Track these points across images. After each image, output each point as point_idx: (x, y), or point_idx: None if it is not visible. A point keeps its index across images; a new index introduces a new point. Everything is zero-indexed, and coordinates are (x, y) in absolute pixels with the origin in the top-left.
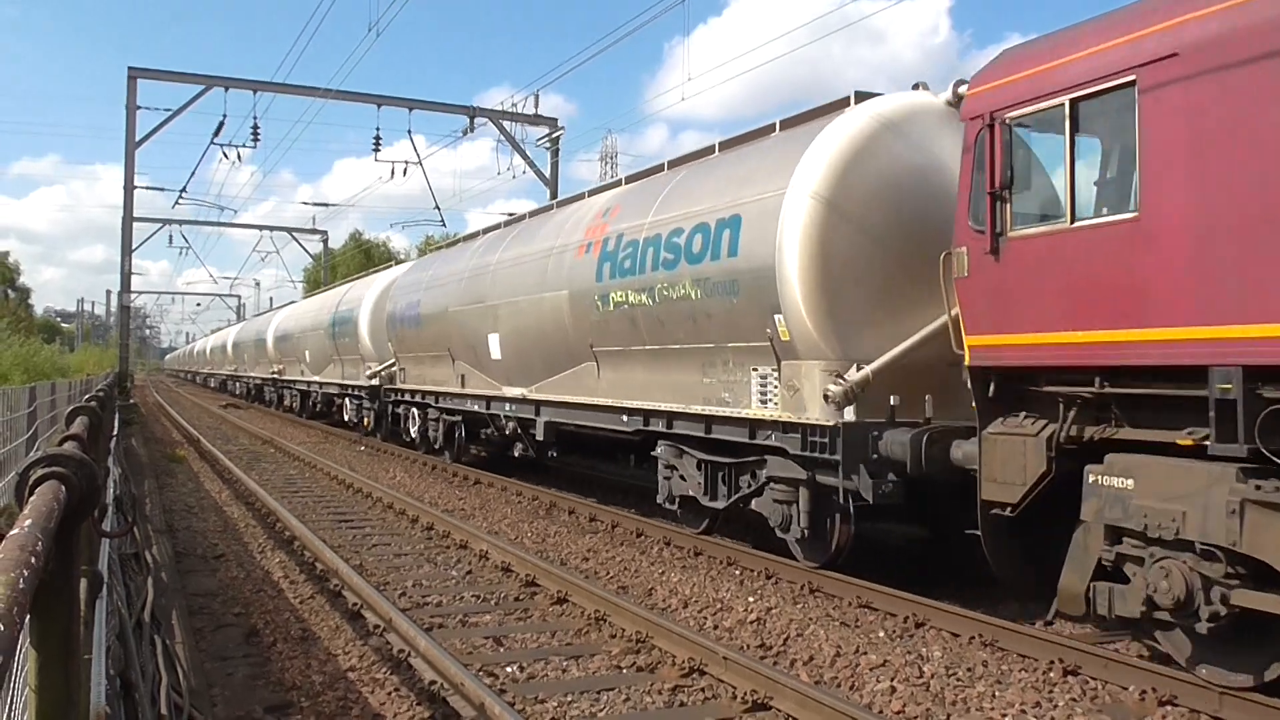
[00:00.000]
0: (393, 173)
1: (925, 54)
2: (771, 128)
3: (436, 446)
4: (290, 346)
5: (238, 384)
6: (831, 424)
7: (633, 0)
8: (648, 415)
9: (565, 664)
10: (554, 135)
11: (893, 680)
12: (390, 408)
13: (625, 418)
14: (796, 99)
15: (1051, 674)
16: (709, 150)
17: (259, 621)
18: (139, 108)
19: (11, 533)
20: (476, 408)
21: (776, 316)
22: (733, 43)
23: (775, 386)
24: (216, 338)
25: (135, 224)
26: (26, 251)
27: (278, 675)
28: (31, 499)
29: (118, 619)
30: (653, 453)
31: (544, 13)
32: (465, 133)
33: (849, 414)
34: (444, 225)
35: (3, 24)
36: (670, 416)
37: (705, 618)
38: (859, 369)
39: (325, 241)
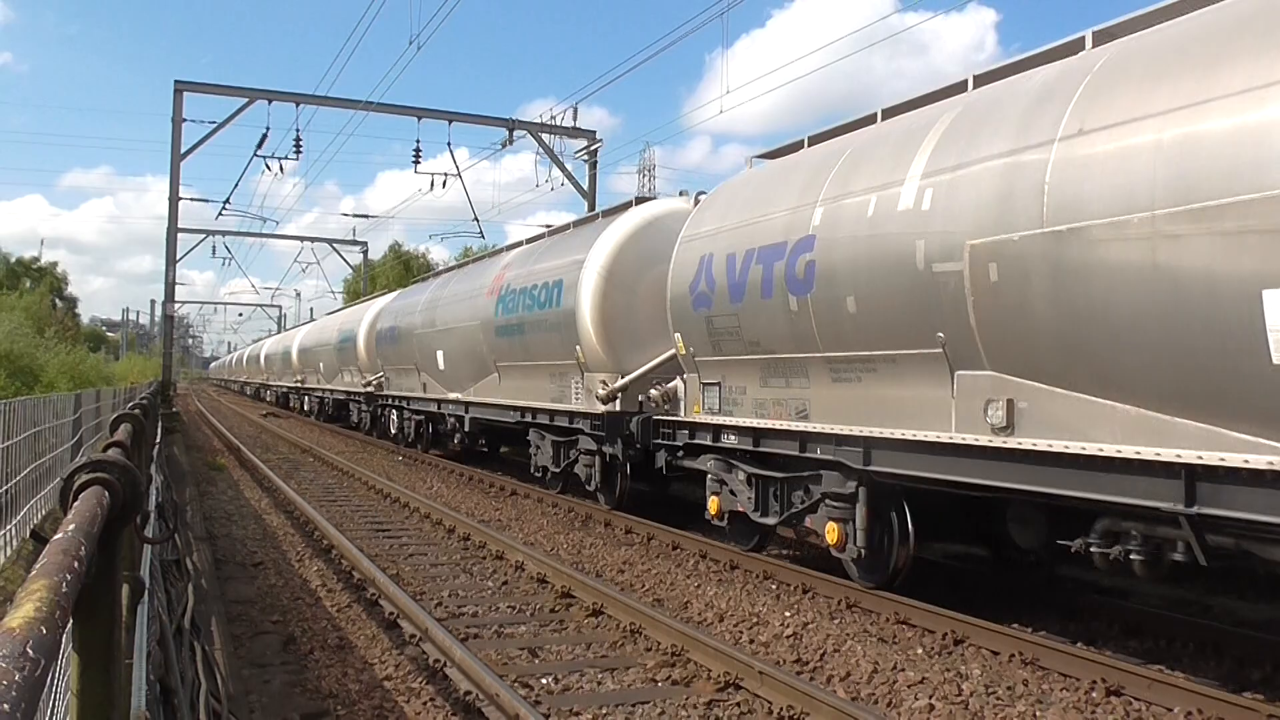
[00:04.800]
0: (432, 184)
1: (969, 69)
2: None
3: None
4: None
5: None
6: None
7: (676, 13)
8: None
9: (600, 676)
10: (591, 148)
11: (931, 698)
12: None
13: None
14: (837, 110)
15: (1094, 694)
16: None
17: (297, 629)
18: (185, 120)
19: (55, 537)
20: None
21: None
22: (776, 54)
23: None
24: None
25: (180, 235)
26: (76, 262)
27: (315, 683)
28: (75, 504)
29: (158, 625)
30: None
31: (587, 26)
32: (504, 145)
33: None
34: (483, 237)
35: (64, 40)
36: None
37: (741, 632)
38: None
39: (365, 253)
